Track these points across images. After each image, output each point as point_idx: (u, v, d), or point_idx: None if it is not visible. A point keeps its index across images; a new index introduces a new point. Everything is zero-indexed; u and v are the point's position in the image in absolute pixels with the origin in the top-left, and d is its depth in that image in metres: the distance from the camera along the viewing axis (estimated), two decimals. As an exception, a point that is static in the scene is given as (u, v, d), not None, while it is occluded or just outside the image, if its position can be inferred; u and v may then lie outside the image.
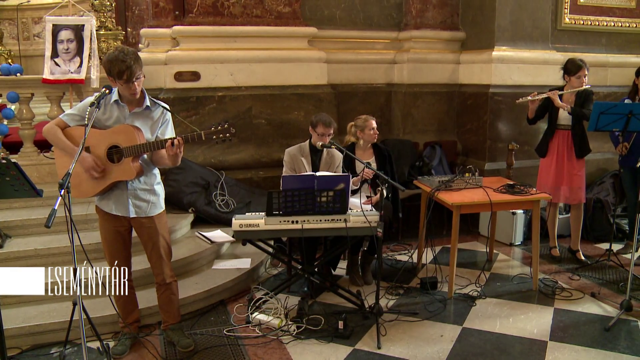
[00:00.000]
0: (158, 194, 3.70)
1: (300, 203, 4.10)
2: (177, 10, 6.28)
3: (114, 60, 3.32)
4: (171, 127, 3.68)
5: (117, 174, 3.47)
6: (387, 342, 3.94)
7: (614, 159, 6.64)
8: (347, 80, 7.08)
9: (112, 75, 3.35)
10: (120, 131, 3.44)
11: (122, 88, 3.40)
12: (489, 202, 4.60)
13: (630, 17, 7.50)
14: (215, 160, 6.27)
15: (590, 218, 6.23)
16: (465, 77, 7.22)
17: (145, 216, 3.64)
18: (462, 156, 7.22)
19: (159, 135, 3.59)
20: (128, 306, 3.86)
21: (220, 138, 3.45)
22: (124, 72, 3.31)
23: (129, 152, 3.42)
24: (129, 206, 3.57)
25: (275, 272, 5.34)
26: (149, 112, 3.57)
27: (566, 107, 5.15)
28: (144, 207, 3.62)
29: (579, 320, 4.32)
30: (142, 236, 3.72)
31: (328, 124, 4.71)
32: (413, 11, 7.12)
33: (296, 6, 6.61)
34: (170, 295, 3.85)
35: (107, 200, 3.58)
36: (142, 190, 3.60)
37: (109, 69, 3.34)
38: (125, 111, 3.49)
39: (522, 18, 6.74)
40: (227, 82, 6.37)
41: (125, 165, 3.45)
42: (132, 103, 3.51)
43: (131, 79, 3.34)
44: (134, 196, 3.58)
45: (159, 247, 3.72)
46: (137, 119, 3.52)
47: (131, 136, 3.43)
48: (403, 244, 6.13)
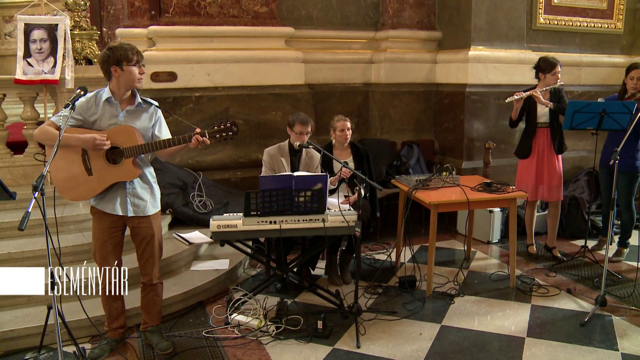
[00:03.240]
0: (155, 193, 3.68)
1: (278, 203, 4.09)
2: (153, 10, 6.23)
3: (118, 47, 3.35)
4: (164, 124, 3.67)
5: (118, 175, 3.44)
6: (366, 341, 3.94)
7: (588, 157, 6.74)
8: (325, 80, 7.08)
9: (120, 61, 3.33)
10: (119, 132, 3.41)
11: (128, 75, 3.37)
12: (467, 201, 4.63)
13: (602, 18, 7.63)
14: (192, 161, 6.22)
15: (566, 215, 6.31)
16: (442, 76, 7.27)
17: (143, 215, 3.60)
18: (439, 155, 7.27)
19: (155, 134, 3.57)
20: (114, 312, 3.80)
21: (223, 137, 3.48)
22: (136, 53, 3.36)
23: (130, 153, 3.40)
24: (128, 205, 3.53)
25: (254, 273, 5.32)
26: (142, 110, 3.55)
27: (550, 103, 5.20)
28: (142, 205, 3.59)
29: (555, 316, 4.37)
30: (137, 236, 3.67)
31: (305, 122, 4.71)
32: (390, 11, 7.15)
33: (273, 6, 6.59)
34: (154, 296, 3.82)
35: (105, 201, 3.53)
36: (140, 189, 3.57)
37: (115, 54, 3.32)
38: (118, 109, 3.46)
39: (498, 18, 6.80)
40: (204, 82, 6.34)
41: (127, 166, 3.42)
42: (124, 101, 3.48)
43: (141, 60, 3.39)
44: (133, 195, 3.54)
45: (153, 247, 3.68)
46: (132, 117, 3.49)
47: (132, 137, 3.40)
48: (381, 243, 6.14)
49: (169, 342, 3.84)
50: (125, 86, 3.43)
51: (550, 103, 5.21)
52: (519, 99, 5.21)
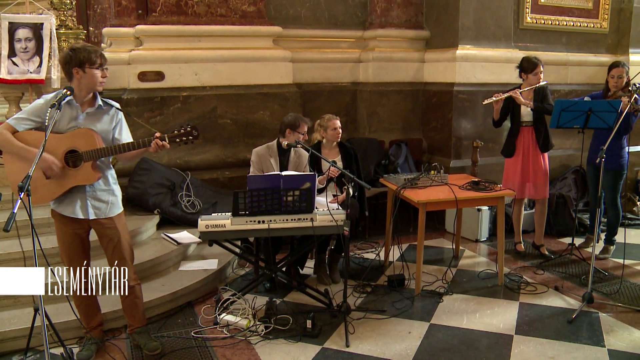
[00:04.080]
0: (116, 195, 3.64)
1: (267, 203, 4.08)
2: (140, 9, 6.19)
3: (81, 48, 3.31)
4: (125, 126, 3.63)
5: (77, 178, 3.40)
6: (355, 340, 3.95)
7: (575, 155, 6.78)
8: (313, 79, 7.08)
9: (82, 63, 3.28)
10: (79, 135, 3.37)
11: (90, 78, 3.33)
12: (455, 199, 4.65)
13: (588, 18, 7.68)
14: (180, 160, 6.20)
15: (554, 213, 6.35)
16: (429, 75, 7.29)
17: (105, 217, 3.57)
18: (427, 154, 7.28)
19: (116, 137, 3.53)
20: (90, 310, 3.78)
21: (183, 141, 3.45)
22: (99, 56, 3.32)
23: (89, 157, 3.36)
24: (89, 208, 3.50)
25: (243, 273, 5.31)
26: (103, 112, 3.50)
27: (529, 103, 5.24)
28: (103, 208, 3.55)
29: (543, 314, 4.40)
30: (103, 238, 3.64)
31: (307, 121, 4.77)
32: (378, 10, 7.15)
33: (261, 5, 6.57)
34: (134, 298, 3.78)
35: (65, 204, 3.49)
36: (101, 191, 3.53)
37: (78, 56, 3.28)
38: (79, 112, 3.42)
39: (485, 17, 6.83)
40: (192, 82, 6.31)
41: (86, 169, 3.39)
42: (85, 103, 3.44)
43: (104, 64, 3.35)
44: (93, 197, 3.50)
45: (121, 249, 3.64)
46: (92, 119, 3.45)
47: (91, 140, 3.36)
48: (370, 242, 6.16)
49: (157, 343, 3.82)
50: (86, 88, 3.39)
51: (531, 103, 5.24)
52: (498, 100, 5.24)
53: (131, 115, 4.60)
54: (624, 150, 5.26)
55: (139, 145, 3.42)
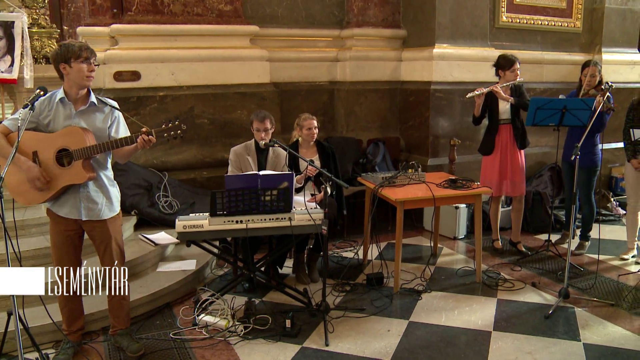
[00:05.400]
0: (112, 196, 3.59)
1: (244, 202, 4.07)
2: (115, 8, 6.12)
3: (68, 44, 3.29)
4: (123, 125, 3.60)
5: (68, 178, 3.36)
6: (334, 339, 3.95)
7: (551, 153, 6.85)
8: (290, 78, 7.07)
9: (68, 58, 3.26)
10: (68, 133, 3.33)
11: (76, 73, 3.29)
12: (432, 197, 4.67)
13: (562, 17, 7.80)
14: (157, 161, 6.14)
15: (530, 210, 6.42)
16: (407, 74, 7.32)
17: (98, 219, 3.53)
18: (405, 152, 7.32)
19: (112, 135, 3.49)
20: (73, 314, 3.72)
21: (171, 135, 3.43)
22: (84, 50, 3.28)
23: (79, 155, 3.32)
24: (81, 209, 3.46)
25: (221, 273, 5.28)
26: (96, 110, 3.47)
27: (510, 98, 5.28)
28: (96, 209, 3.50)
29: (520, 310, 4.44)
30: (95, 239, 3.60)
31: (261, 118, 4.68)
32: (355, 9, 7.16)
33: (237, 4, 6.54)
34: (121, 300, 3.75)
35: (59, 203, 3.45)
36: (94, 192, 3.49)
37: (64, 51, 3.26)
38: (72, 110, 3.38)
39: (462, 16, 6.88)
40: (169, 81, 6.26)
41: (76, 168, 3.35)
42: (79, 101, 3.40)
43: (91, 57, 3.31)
44: (86, 198, 3.46)
45: (112, 251, 3.61)
46: (84, 118, 3.41)
47: (79, 138, 3.32)
48: (348, 240, 6.17)
49: (139, 344, 3.78)
50: (76, 84, 3.34)
51: (511, 98, 5.30)
52: (480, 94, 5.29)
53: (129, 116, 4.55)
54: (598, 148, 5.35)
55: (126, 142, 3.38)
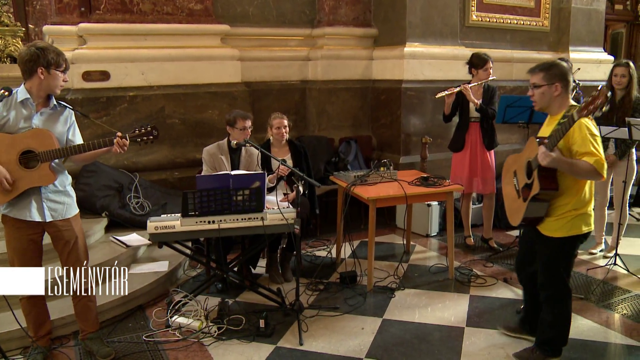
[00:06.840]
0: (71, 196, 3.56)
1: (216, 203, 4.04)
2: (83, 7, 6.03)
3: (49, 48, 3.25)
4: (77, 128, 3.56)
5: (33, 179, 3.30)
6: (309, 338, 3.95)
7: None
8: (262, 77, 7.05)
9: (49, 64, 3.22)
10: (34, 135, 3.27)
11: (53, 81, 3.27)
12: (404, 195, 4.70)
13: (530, 16, 7.92)
14: (128, 162, 6.07)
15: (501, 207, 6.46)
16: (378, 72, 7.36)
17: (62, 219, 3.47)
18: (377, 151, 7.35)
19: (69, 138, 3.46)
20: (39, 318, 3.64)
21: (144, 140, 3.46)
22: (65, 60, 3.28)
23: (46, 157, 3.27)
24: (45, 210, 3.39)
25: (194, 274, 5.24)
26: (58, 113, 3.43)
27: (477, 102, 5.34)
28: (59, 209, 3.45)
29: (493, 305, 4.50)
30: (59, 240, 3.52)
31: (245, 117, 4.73)
32: (326, 8, 7.18)
33: (208, 3, 6.50)
34: (87, 302, 3.69)
35: (18, 207, 3.36)
36: (56, 193, 3.43)
37: (47, 56, 3.21)
38: (33, 111, 3.32)
39: (432, 15, 6.94)
40: (139, 81, 6.19)
41: (42, 170, 3.29)
42: (39, 104, 3.35)
43: (67, 69, 3.32)
44: (48, 200, 3.40)
45: (77, 250, 3.55)
46: (47, 120, 3.36)
47: (48, 141, 3.28)
48: (321, 239, 6.18)
49: (110, 348, 3.73)
50: (45, 90, 3.31)
51: (478, 102, 5.35)
52: (450, 94, 5.34)
53: (89, 117, 4.48)
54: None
55: (99, 145, 3.36)
